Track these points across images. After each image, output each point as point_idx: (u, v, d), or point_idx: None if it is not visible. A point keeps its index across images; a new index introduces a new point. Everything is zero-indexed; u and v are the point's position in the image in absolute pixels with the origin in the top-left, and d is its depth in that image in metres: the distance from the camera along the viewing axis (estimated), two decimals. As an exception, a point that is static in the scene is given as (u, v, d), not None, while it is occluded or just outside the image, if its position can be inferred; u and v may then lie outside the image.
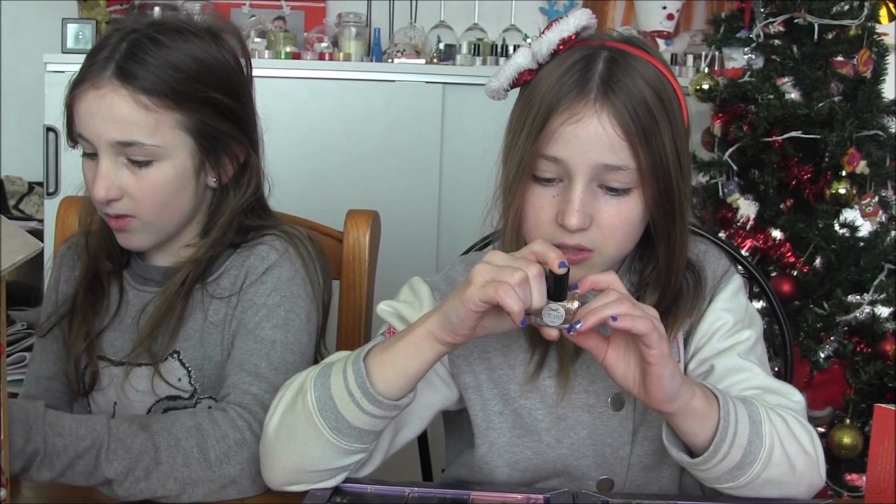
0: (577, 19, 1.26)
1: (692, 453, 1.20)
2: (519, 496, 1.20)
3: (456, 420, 1.44)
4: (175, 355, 1.45)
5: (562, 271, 1.11)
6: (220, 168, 1.47)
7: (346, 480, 1.23)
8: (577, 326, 1.11)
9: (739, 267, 1.68)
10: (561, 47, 1.26)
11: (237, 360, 1.40)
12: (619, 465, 1.34)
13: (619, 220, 1.24)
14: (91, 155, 1.41)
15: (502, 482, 1.34)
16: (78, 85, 1.39)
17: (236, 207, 1.48)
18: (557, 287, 1.12)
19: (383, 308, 1.38)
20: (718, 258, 1.41)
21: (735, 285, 1.39)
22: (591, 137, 1.21)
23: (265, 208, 1.55)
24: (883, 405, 1.26)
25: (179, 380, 1.45)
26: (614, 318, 1.09)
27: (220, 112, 1.43)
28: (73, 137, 1.43)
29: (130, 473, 1.20)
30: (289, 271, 1.46)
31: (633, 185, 1.23)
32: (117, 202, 1.40)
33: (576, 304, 1.12)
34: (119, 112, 1.37)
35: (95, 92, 1.37)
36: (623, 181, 1.23)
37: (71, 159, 3.01)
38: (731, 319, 1.35)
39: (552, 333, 1.13)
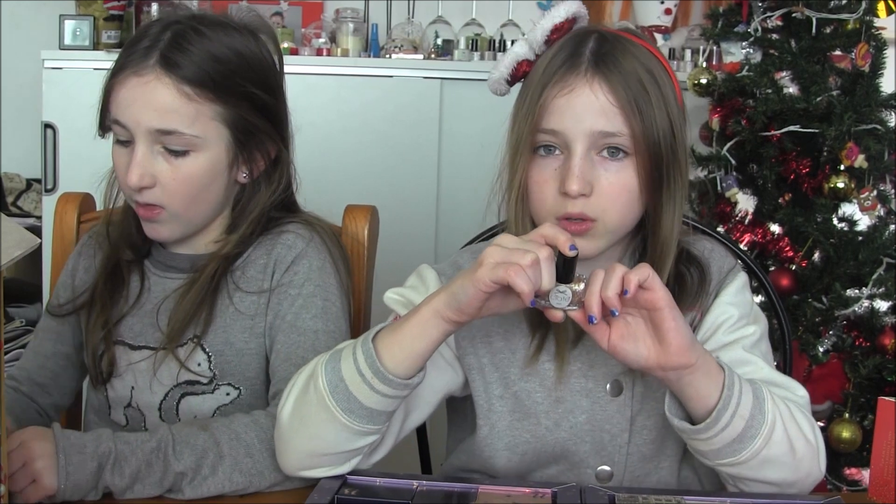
0: (568, 8, 1.32)
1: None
2: (527, 490, 1.20)
3: (459, 408, 1.45)
4: (195, 340, 1.45)
5: (572, 254, 1.13)
6: (252, 163, 1.47)
7: (355, 473, 1.24)
8: (615, 314, 1.14)
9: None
10: (554, 36, 1.31)
11: (284, 354, 1.42)
12: (617, 454, 1.34)
13: (619, 186, 1.28)
14: (125, 142, 1.41)
15: (502, 468, 1.35)
16: (118, 72, 1.39)
17: (266, 204, 1.49)
18: (566, 270, 1.14)
19: (390, 296, 1.40)
20: (724, 255, 1.43)
21: (740, 282, 1.40)
22: (584, 106, 1.26)
23: (294, 204, 1.57)
24: (886, 398, 1.26)
25: (199, 364, 1.45)
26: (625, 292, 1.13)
27: (256, 107, 1.44)
28: (105, 126, 1.43)
29: (199, 470, 1.23)
30: (318, 260, 1.47)
31: (629, 152, 1.27)
32: (149, 191, 1.40)
33: (581, 285, 1.14)
34: (161, 100, 1.37)
35: (138, 79, 1.37)
36: (620, 143, 1.27)
37: (69, 156, 3.02)
38: (735, 313, 1.36)
39: (557, 315, 1.15)
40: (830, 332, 2.51)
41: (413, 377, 1.19)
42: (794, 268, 2.51)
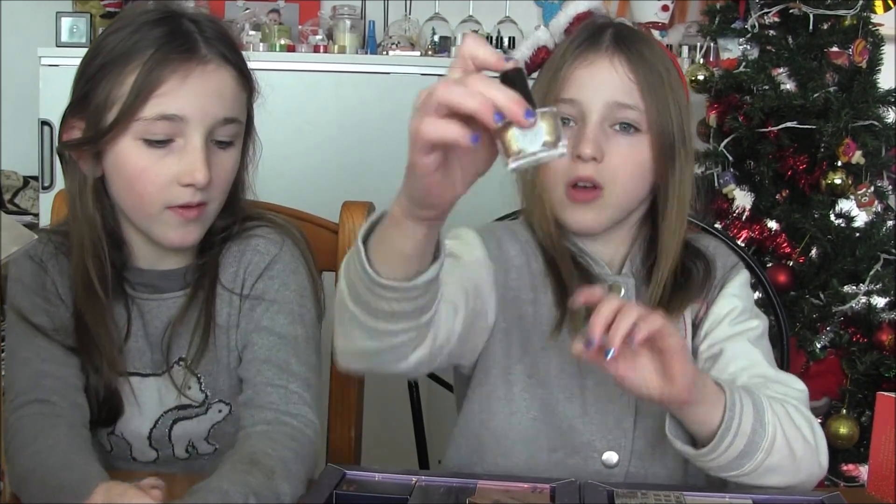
0: (589, 2, 1.42)
1: (695, 443, 1.22)
2: (525, 485, 1.20)
3: (467, 378, 1.44)
4: (181, 363, 1.38)
5: (510, 65, 0.89)
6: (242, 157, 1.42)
7: (354, 468, 1.23)
8: (610, 355, 1.10)
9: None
10: (575, 25, 1.39)
11: (262, 356, 1.35)
12: (623, 438, 1.36)
13: (629, 158, 1.34)
14: (159, 142, 1.29)
15: (511, 434, 1.37)
16: (162, 64, 1.28)
17: (239, 195, 1.43)
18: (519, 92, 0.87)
19: None
20: (728, 253, 1.48)
21: (744, 277, 1.45)
22: (603, 77, 1.33)
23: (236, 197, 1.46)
24: (885, 393, 1.27)
25: (189, 388, 1.38)
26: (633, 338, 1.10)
27: (251, 95, 1.41)
28: (125, 123, 1.29)
29: None
30: (292, 263, 1.41)
31: (641, 129, 1.34)
32: (205, 189, 1.31)
33: (549, 127, 0.87)
34: (229, 88, 1.33)
35: (202, 68, 1.30)
36: (632, 118, 1.33)
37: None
38: (740, 305, 1.40)
39: (577, 348, 1.11)
40: (828, 329, 2.52)
41: (416, 278, 1.05)
42: (791, 264, 2.51)
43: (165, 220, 1.32)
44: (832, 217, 2.55)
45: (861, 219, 2.56)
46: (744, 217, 2.59)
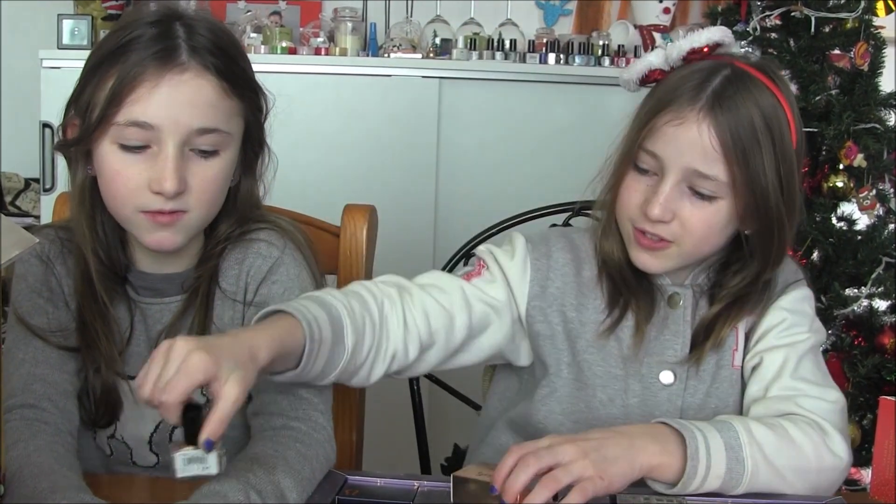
0: (711, 34, 1.37)
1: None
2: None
3: (513, 375, 1.51)
4: None
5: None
6: (245, 165, 1.41)
7: (356, 473, 1.22)
8: None
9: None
10: (693, 56, 1.36)
11: None
12: None
13: (701, 222, 1.33)
14: (135, 148, 1.29)
15: (553, 430, 1.37)
16: (136, 70, 1.27)
17: (247, 204, 1.42)
18: (190, 428, 1.09)
19: (481, 248, 1.46)
20: (794, 271, 1.48)
21: (802, 293, 1.45)
22: (689, 141, 1.30)
23: (257, 205, 1.47)
24: (888, 397, 1.26)
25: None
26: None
27: (255, 103, 1.39)
28: (103, 127, 1.29)
29: None
30: (294, 267, 1.40)
31: (720, 196, 1.32)
32: (179, 197, 1.29)
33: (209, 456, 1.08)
34: (205, 96, 1.29)
35: (177, 77, 1.27)
36: (710, 189, 1.32)
37: (67, 155, 3.01)
38: (789, 319, 1.41)
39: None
40: (829, 332, 2.51)
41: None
42: (792, 267, 2.51)
43: (139, 223, 1.32)
44: (834, 220, 2.55)
45: (863, 222, 2.56)
46: (745, 220, 2.59)
